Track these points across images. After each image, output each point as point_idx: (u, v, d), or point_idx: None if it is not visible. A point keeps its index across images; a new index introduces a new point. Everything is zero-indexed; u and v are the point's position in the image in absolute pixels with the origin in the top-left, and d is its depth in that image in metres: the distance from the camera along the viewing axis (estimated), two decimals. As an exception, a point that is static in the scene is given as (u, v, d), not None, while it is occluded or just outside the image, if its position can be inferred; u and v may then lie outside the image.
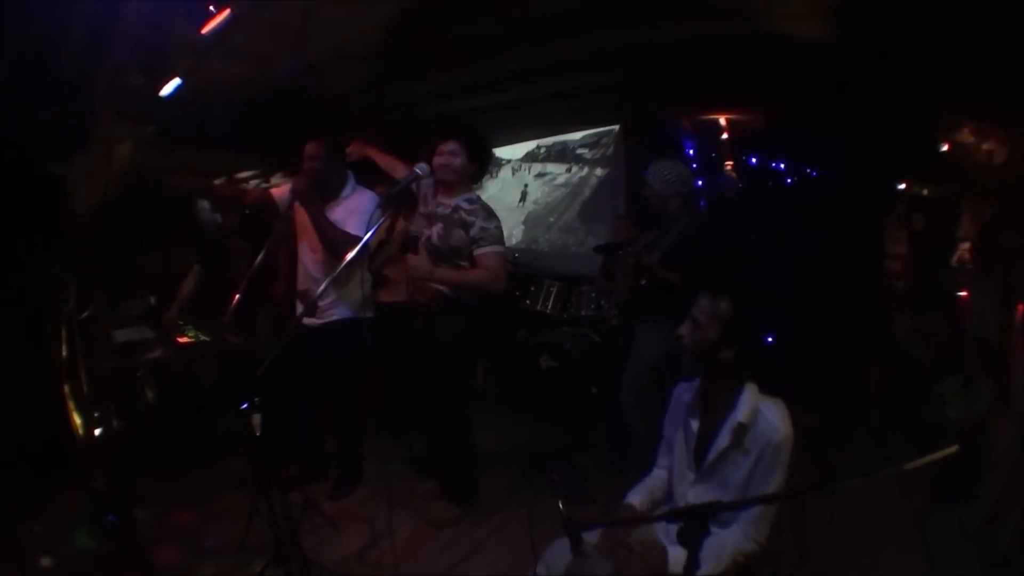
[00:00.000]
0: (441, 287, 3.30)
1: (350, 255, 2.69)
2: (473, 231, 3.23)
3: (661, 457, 2.40)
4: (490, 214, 3.32)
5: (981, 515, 3.39)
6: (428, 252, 3.34)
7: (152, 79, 3.41)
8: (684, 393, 2.28)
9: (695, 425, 2.18)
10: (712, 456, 2.09)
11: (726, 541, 1.96)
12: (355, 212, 3.45)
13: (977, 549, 3.30)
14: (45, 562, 2.76)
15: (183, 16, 3.03)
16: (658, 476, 2.38)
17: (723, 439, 2.06)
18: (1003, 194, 4.61)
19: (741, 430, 2.03)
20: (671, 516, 1.49)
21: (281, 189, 3.71)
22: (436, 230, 3.31)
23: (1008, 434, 3.34)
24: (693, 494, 2.13)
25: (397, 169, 3.76)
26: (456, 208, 3.29)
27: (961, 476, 3.56)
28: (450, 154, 3.26)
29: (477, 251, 3.24)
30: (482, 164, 3.48)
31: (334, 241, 3.34)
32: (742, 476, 2.03)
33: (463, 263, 3.28)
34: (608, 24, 3.78)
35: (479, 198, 3.40)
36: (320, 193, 3.47)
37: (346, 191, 3.58)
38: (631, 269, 3.78)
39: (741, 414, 2.04)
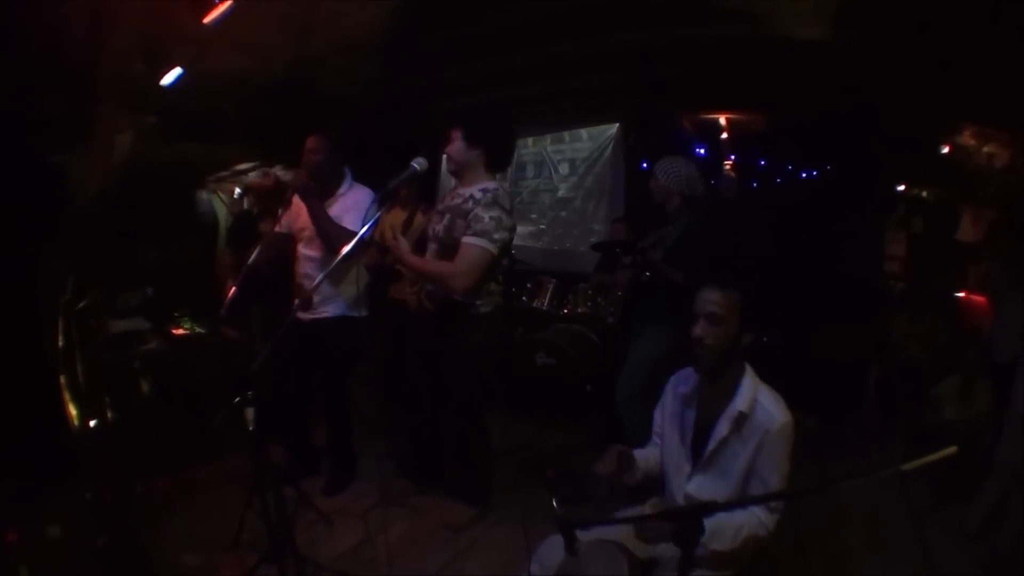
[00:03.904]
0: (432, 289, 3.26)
1: (345, 250, 2.67)
2: (469, 218, 3.09)
3: (652, 443, 2.39)
4: (493, 203, 3.11)
5: (981, 515, 3.40)
6: (435, 247, 3.25)
7: (154, 68, 3.40)
8: (680, 384, 2.26)
9: (692, 416, 2.17)
10: (712, 446, 2.08)
11: (743, 522, 1.94)
12: (353, 208, 3.43)
13: (977, 549, 3.32)
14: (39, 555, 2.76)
15: (185, 5, 3.01)
16: (651, 452, 2.36)
17: (722, 428, 2.05)
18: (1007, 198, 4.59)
19: (741, 419, 2.02)
20: (666, 516, 1.48)
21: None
22: (444, 222, 3.21)
23: (1008, 435, 3.34)
24: (692, 485, 2.12)
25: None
26: (468, 198, 3.17)
27: (960, 477, 3.57)
28: (451, 141, 3.19)
29: (461, 240, 3.08)
30: (489, 149, 3.24)
31: (331, 236, 3.32)
32: (742, 465, 2.02)
33: None
34: (609, 25, 3.78)
35: (498, 188, 3.21)
36: (319, 188, 3.46)
37: (343, 187, 3.56)
38: (634, 266, 3.76)
39: (742, 403, 2.03)
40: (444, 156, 3.18)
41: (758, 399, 2.03)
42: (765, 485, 1.99)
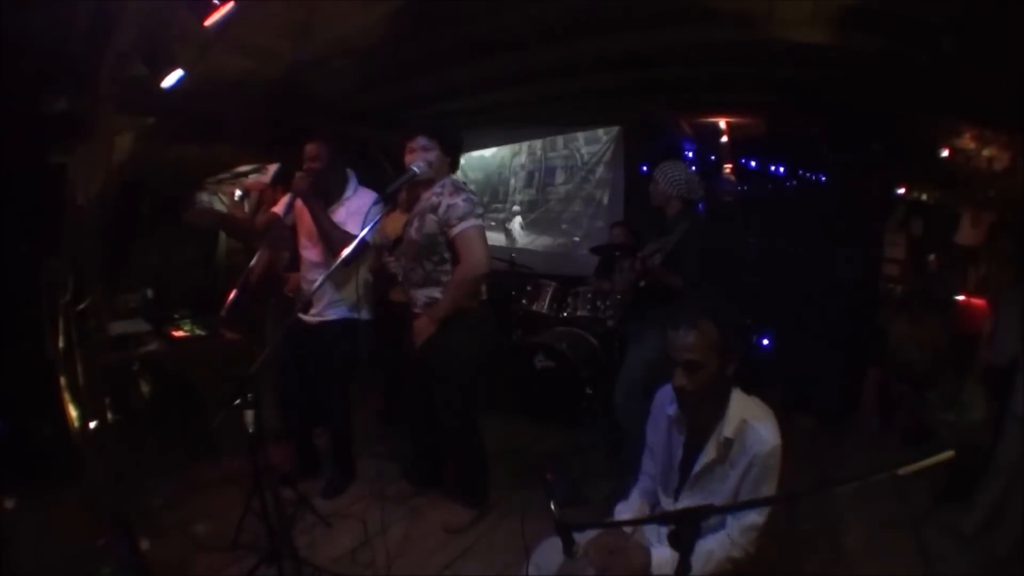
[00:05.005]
0: (433, 295, 3.24)
1: (345, 252, 2.67)
2: (440, 211, 3.11)
3: (646, 463, 2.35)
4: (456, 189, 3.17)
5: (979, 517, 3.40)
6: (412, 254, 3.25)
7: (155, 70, 3.40)
8: (668, 403, 2.19)
9: (680, 439, 2.15)
10: (697, 469, 2.05)
11: (714, 547, 1.94)
12: (358, 212, 3.38)
13: (974, 552, 3.31)
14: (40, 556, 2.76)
15: (186, 8, 3.02)
16: (643, 486, 2.34)
17: (709, 453, 2.02)
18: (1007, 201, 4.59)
19: (727, 444, 1.99)
20: (663, 518, 1.48)
21: (281, 203, 3.64)
22: (415, 225, 3.23)
23: (1007, 438, 3.34)
24: (679, 506, 2.08)
25: None
26: (432, 195, 3.19)
27: (958, 479, 3.57)
28: (422, 150, 3.16)
29: (452, 235, 3.10)
30: (456, 156, 3.35)
31: (333, 239, 3.31)
32: (730, 488, 1.99)
33: (444, 256, 3.18)
34: (610, 27, 3.78)
35: (451, 180, 3.26)
36: (322, 194, 3.44)
37: (348, 192, 3.54)
38: (632, 270, 3.77)
39: (728, 429, 1.99)
40: (420, 165, 3.12)
41: (748, 422, 1.98)
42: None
